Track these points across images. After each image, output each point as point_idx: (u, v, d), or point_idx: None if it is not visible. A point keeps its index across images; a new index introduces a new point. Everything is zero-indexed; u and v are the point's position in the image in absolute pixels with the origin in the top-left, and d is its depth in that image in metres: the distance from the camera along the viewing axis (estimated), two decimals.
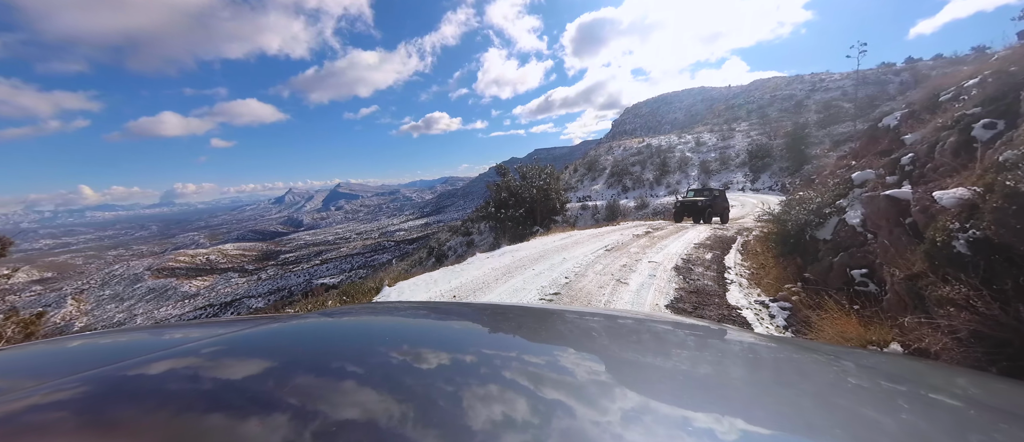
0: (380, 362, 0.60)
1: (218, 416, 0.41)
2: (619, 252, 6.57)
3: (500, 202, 14.84)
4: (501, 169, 15.21)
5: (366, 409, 0.42)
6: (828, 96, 63.80)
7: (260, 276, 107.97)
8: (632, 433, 0.39)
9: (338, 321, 0.89)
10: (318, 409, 0.42)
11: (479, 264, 5.94)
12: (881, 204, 3.17)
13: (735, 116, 71.68)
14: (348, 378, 0.52)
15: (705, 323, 0.99)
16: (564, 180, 45.93)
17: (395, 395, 0.46)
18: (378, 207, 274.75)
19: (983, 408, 0.54)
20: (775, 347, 0.83)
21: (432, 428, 0.39)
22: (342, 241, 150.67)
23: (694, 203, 13.05)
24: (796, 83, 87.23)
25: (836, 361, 0.71)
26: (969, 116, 3.48)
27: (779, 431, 0.43)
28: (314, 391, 0.47)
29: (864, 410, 0.52)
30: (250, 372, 0.53)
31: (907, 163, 3.83)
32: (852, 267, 3.39)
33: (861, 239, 3.64)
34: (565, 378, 0.55)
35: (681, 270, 5.33)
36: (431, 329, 0.87)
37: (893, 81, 50.89)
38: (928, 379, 0.67)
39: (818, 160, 26.86)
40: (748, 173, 35.34)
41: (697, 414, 0.44)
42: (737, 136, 47.22)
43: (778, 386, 0.61)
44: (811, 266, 4.06)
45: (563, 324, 0.93)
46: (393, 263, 41.63)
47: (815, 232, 4.25)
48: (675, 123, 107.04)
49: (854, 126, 32.37)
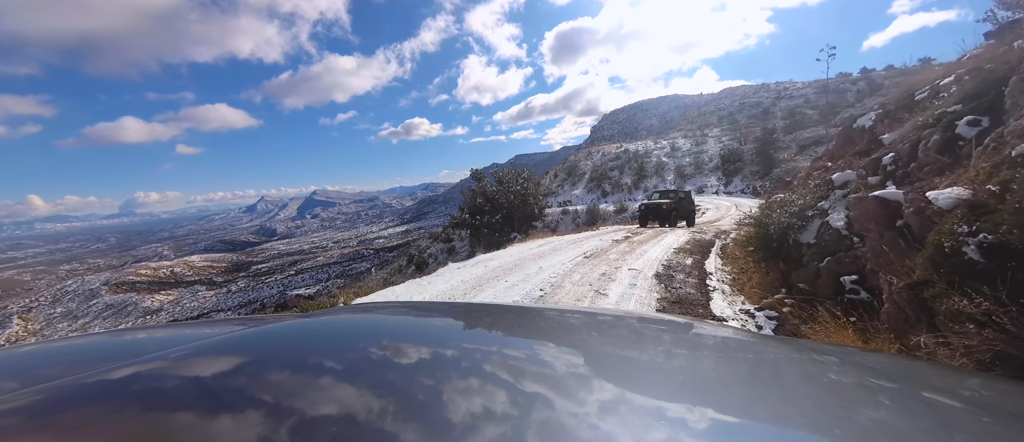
0: (358, 358, 0.60)
1: (187, 416, 0.40)
2: (598, 259, 6.29)
3: (475, 208, 14.30)
4: (477, 174, 14.68)
5: (343, 404, 0.42)
6: (792, 103, 67.05)
7: (230, 288, 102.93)
8: (608, 423, 0.40)
9: (317, 321, 0.86)
10: (294, 406, 0.41)
11: (448, 276, 5.52)
12: (870, 206, 2.98)
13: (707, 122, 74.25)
14: (325, 375, 0.52)
15: (681, 318, 1.02)
16: (545, 186, 46.06)
17: (374, 391, 0.46)
18: (356, 214, 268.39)
19: (979, 407, 0.54)
20: (747, 341, 0.84)
21: (412, 421, 0.39)
22: (318, 250, 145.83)
23: (659, 206, 12.41)
24: (763, 91, 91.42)
25: (809, 354, 0.73)
26: (951, 114, 3.36)
27: (744, 419, 0.45)
28: (290, 389, 0.46)
29: (829, 401, 0.53)
30: (224, 371, 0.52)
31: (889, 163, 3.70)
32: (841, 273, 3.19)
33: (847, 243, 3.46)
34: (545, 372, 0.56)
35: (662, 277, 5.08)
36: (413, 326, 0.86)
37: (851, 89, 54.24)
38: (916, 376, 0.68)
39: (786, 163, 27.85)
40: (721, 177, 36.26)
41: (670, 404, 0.45)
42: (710, 141, 48.58)
43: (746, 378, 0.62)
44: (796, 272, 3.86)
45: (544, 321, 0.94)
46: (373, 272, 40.49)
47: (798, 236, 4.07)
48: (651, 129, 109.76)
49: (820, 131, 33.84)
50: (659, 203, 12.49)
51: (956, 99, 3.43)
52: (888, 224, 2.89)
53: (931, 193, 2.55)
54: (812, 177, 5.29)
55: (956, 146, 3.11)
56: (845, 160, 4.63)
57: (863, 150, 4.45)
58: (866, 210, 3.03)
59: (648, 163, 44.74)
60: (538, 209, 14.78)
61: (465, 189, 14.94)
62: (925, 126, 3.55)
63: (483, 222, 13.73)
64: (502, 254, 7.26)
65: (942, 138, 3.19)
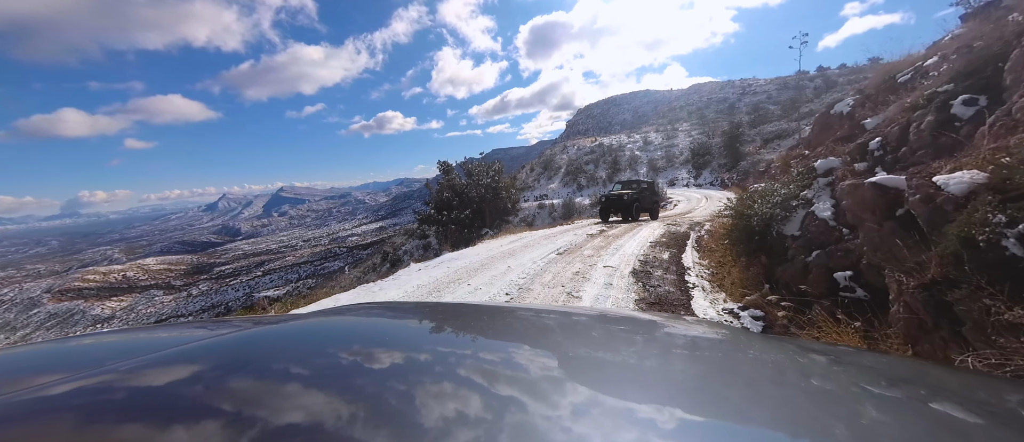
0: (327, 363, 0.59)
1: (137, 427, 0.39)
2: (572, 256, 5.89)
3: (442, 203, 13.32)
4: (445, 166, 13.78)
5: (310, 412, 0.41)
6: (756, 99, 69.83)
7: (191, 292, 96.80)
8: (580, 426, 0.40)
9: (286, 326, 0.81)
10: (255, 415, 0.40)
11: (406, 279, 4.96)
12: (865, 194, 2.68)
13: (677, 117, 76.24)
14: (290, 381, 0.50)
15: (656, 316, 1.04)
16: (521, 179, 45.67)
17: (343, 396, 0.46)
18: (327, 211, 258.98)
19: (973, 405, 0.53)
20: (719, 338, 0.85)
21: (383, 427, 0.39)
22: (287, 249, 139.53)
23: (620, 198, 11.43)
24: (728, 88, 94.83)
25: (785, 349, 0.75)
26: (943, 93, 3.12)
27: (711, 418, 0.45)
28: (250, 396, 0.45)
29: (797, 398, 0.53)
30: (181, 378, 0.50)
31: (876, 148, 3.45)
32: (834, 268, 2.89)
33: (836, 234, 3.18)
34: (519, 374, 0.56)
35: (639, 275, 4.73)
36: (386, 328, 0.85)
37: (809, 86, 57.24)
38: (890, 370, 0.67)
39: (751, 156, 28.67)
40: (691, 170, 37.06)
41: (641, 405, 0.46)
42: (680, 135, 49.64)
43: (716, 375, 0.62)
44: (781, 267, 3.58)
45: (518, 321, 0.93)
46: (346, 270, 38.91)
47: (782, 227, 3.79)
48: (624, 124, 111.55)
49: (782, 125, 35.11)
50: (620, 195, 11.60)
51: (947, 78, 3.20)
52: (887, 214, 2.59)
53: (939, 178, 2.24)
54: (791, 165, 5.07)
55: (952, 127, 2.86)
56: (826, 147, 4.41)
57: (845, 136, 4.23)
58: (861, 199, 2.73)
59: (622, 157, 45.26)
60: (511, 203, 14.11)
61: (430, 182, 14.17)
62: (915, 107, 3.31)
63: (451, 218, 12.87)
64: (470, 252, 6.74)
65: (936, 119, 2.94)
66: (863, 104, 4.43)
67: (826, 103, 4.61)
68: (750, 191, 4.45)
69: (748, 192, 4.39)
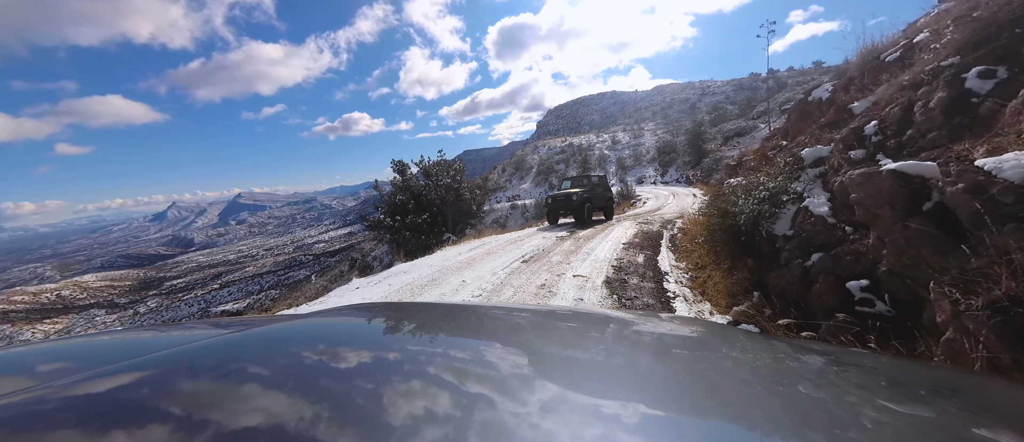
0: (289, 363, 0.58)
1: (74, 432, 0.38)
2: (538, 264, 5.25)
3: (395, 208, 11.89)
4: (399, 166, 12.35)
5: (270, 414, 0.40)
6: (715, 99, 73.15)
7: (138, 310, 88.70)
8: (548, 422, 0.40)
9: (251, 331, 0.78)
10: (209, 418, 0.39)
11: (336, 300, 4.13)
12: (882, 185, 2.18)
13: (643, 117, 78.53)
14: (248, 382, 0.49)
15: (626, 314, 1.05)
16: (493, 180, 45.00)
17: (307, 397, 0.45)
18: (291, 218, 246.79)
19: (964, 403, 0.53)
20: (688, 334, 0.85)
21: (348, 427, 0.38)
22: (247, 259, 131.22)
23: (569, 198, 9.98)
24: (689, 89, 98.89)
25: (760, 345, 0.77)
26: (949, 67, 2.72)
27: (672, 412, 0.47)
28: (208, 400, 0.44)
29: (758, 390, 0.54)
30: (128, 382, 0.49)
31: (873, 132, 3.02)
32: (844, 276, 2.39)
33: (839, 234, 2.70)
34: (489, 372, 0.56)
35: (614, 284, 4.15)
36: (355, 328, 0.83)
37: (762, 87, 60.68)
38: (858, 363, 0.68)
39: (714, 154, 29.41)
40: (658, 167, 37.74)
41: (607, 401, 0.46)
42: (646, 135, 50.74)
43: (678, 370, 0.63)
44: (774, 272, 3.08)
45: (491, 320, 0.93)
46: (313, 279, 36.79)
47: (771, 226, 3.30)
48: (593, 124, 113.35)
49: (740, 123, 36.42)
50: (569, 194, 10.10)
51: (951, 51, 2.80)
52: (910, 208, 2.10)
53: (987, 162, 1.75)
54: (770, 156, 4.69)
55: (968, 104, 2.43)
56: (810, 134, 4.01)
57: (830, 122, 3.83)
58: (877, 191, 2.24)
59: (591, 156, 45.65)
60: (476, 205, 13.09)
61: (381, 186, 12.64)
62: (915, 85, 2.90)
63: (406, 224, 11.51)
64: (424, 263, 5.96)
65: (949, 96, 2.50)
66: (846, 88, 4.08)
67: (803, 89, 4.34)
68: (732, 186, 3.96)
69: (731, 187, 3.90)
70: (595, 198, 10.59)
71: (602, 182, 11.67)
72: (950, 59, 2.74)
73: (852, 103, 3.63)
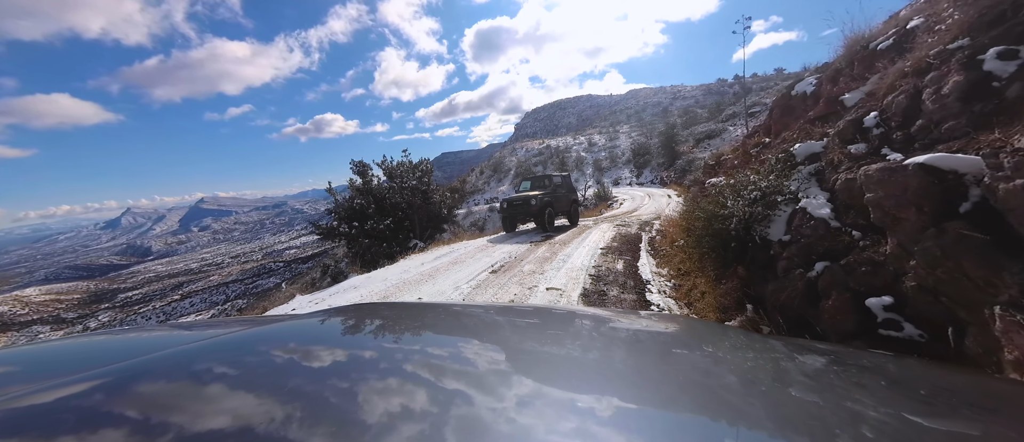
0: (257, 364, 0.57)
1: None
2: (508, 275, 4.75)
3: (352, 213, 10.57)
4: (360, 167, 11.06)
5: (237, 416, 0.39)
6: (685, 103, 75.55)
7: (87, 325, 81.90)
8: (524, 416, 0.41)
9: (215, 332, 0.77)
10: (169, 420, 0.38)
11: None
12: (909, 181, 1.81)
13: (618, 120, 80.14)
14: (213, 383, 0.48)
15: (602, 311, 1.05)
16: (471, 182, 44.15)
17: (276, 397, 0.44)
18: (259, 223, 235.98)
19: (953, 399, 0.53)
20: (663, 330, 0.86)
21: (320, 426, 0.37)
22: (212, 268, 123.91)
23: (526, 202, 8.59)
24: (661, 93, 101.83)
25: (730, 339, 0.79)
26: (958, 51, 2.41)
27: (645, 406, 0.47)
28: (169, 402, 0.43)
29: (728, 387, 0.54)
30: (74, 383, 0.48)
31: (874, 124, 2.70)
32: (861, 292, 2.01)
33: (845, 240, 2.34)
34: (466, 369, 0.56)
35: (592, 297, 3.70)
36: (336, 328, 0.82)
37: (729, 92, 63.21)
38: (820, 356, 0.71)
39: (686, 155, 29.96)
40: (633, 169, 38.16)
41: (582, 396, 0.47)
42: (621, 137, 51.45)
43: (649, 365, 0.64)
44: (772, 284, 2.70)
45: (469, 318, 0.93)
46: (283, 287, 34.99)
47: (765, 230, 2.93)
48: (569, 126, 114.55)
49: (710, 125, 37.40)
50: (527, 197, 8.70)
51: (958, 33, 2.51)
52: (943, 210, 1.74)
53: None
54: (754, 154, 4.39)
55: (988, 88, 2.12)
56: (797, 129, 3.70)
57: (821, 115, 3.54)
58: (900, 188, 1.86)
59: (569, 158, 45.80)
60: (447, 209, 12.00)
61: (335, 190, 11.09)
62: (920, 71, 2.59)
63: (365, 230, 10.21)
64: (380, 276, 5.34)
65: (966, 81, 2.18)
66: (834, 79, 3.81)
67: (785, 85, 4.12)
68: (718, 186, 3.58)
69: (716, 187, 3.52)
70: (558, 201, 9.29)
71: (566, 183, 10.24)
72: (958, 41, 2.45)
73: (843, 95, 3.34)
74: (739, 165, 4.63)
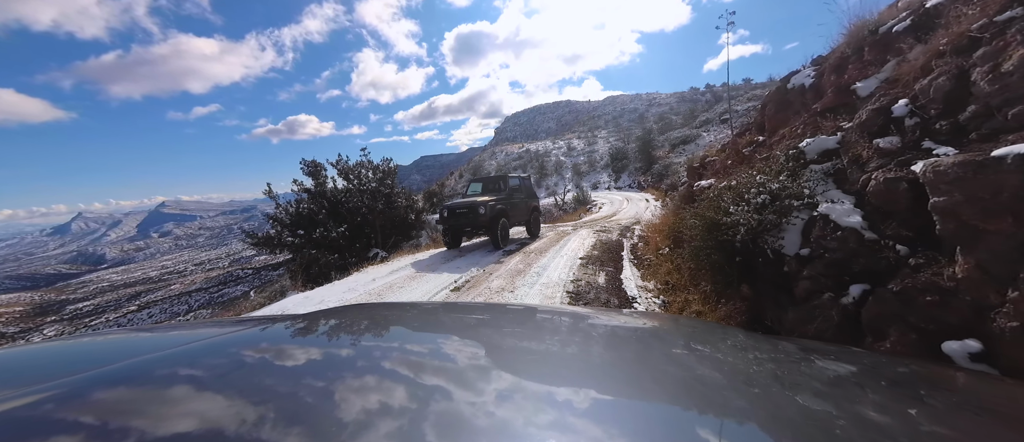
0: (224, 364, 0.56)
1: None
2: (474, 292, 4.08)
3: (299, 220, 9.13)
4: (312, 167, 9.65)
5: (204, 418, 0.38)
6: (660, 110, 77.51)
7: (31, 340, 74.61)
8: (503, 410, 0.41)
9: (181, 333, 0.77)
10: (129, 425, 0.37)
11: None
12: (1008, 181, 1.29)
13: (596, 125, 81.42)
14: (179, 384, 0.47)
15: (581, 309, 1.04)
16: (450, 186, 43.31)
17: (247, 398, 0.43)
18: (226, 228, 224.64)
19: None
20: (641, 325, 0.86)
21: (295, 425, 0.37)
22: (173, 276, 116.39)
23: (473, 209, 6.69)
24: (637, 100, 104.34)
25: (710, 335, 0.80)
26: (1011, 21, 1.96)
27: (620, 398, 0.48)
28: (132, 406, 0.42)
29: (702, 375, 0.55)
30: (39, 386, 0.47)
31: (906, 113, 2.22)
32: (922, 327, 1.48)
33: (889, 257, 1.82)
34: (446, 365, 0.56)
35: None
36: (306, 330, 0.78)
37: (701, 99, 65.46)
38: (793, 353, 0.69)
39: (662, 160, 30.21)
40: (611, 173, 38.30)
41: (560, 389, 0.47)
42: (599, 142, 51.83)
43: (626, 360, 0.65)
44: (792, 311, 2.17)
45: (449, 317, 0.92)
46: (251, 295, 32.81)
47: (778, 241, 2.41)
48: (549, 131, 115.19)
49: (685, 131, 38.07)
50: (473, 204, 6.78)
51: (1002, 3, 2.06)
52: None
53: None
54: (741, 154, 3.93)
55: None
56: (802, 123, 3.24)
57: (830, 106, 3.08)
58: (994, 190, 1.34)
59: (548, 162, 45.64)
60: (413, 215, 10.87)
61: (273, 191, 9.26)
62: (961, 49, 2.13)
63: (313, 239, 8.77)
64: (318, 295, 4.55)
65: None
66: (839, 68, 3.39)
67: (780, 78, 3.74)
68: (714, 189, 3.05)
69: (714, 190, 2.99)
70: (514, 209, 7.45)
71: (525, 186, 8.41)
72: (1010, 11, 2.00)
73: (855, 84, 2.89)
74: (731, 166, 4.17)
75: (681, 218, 4.06)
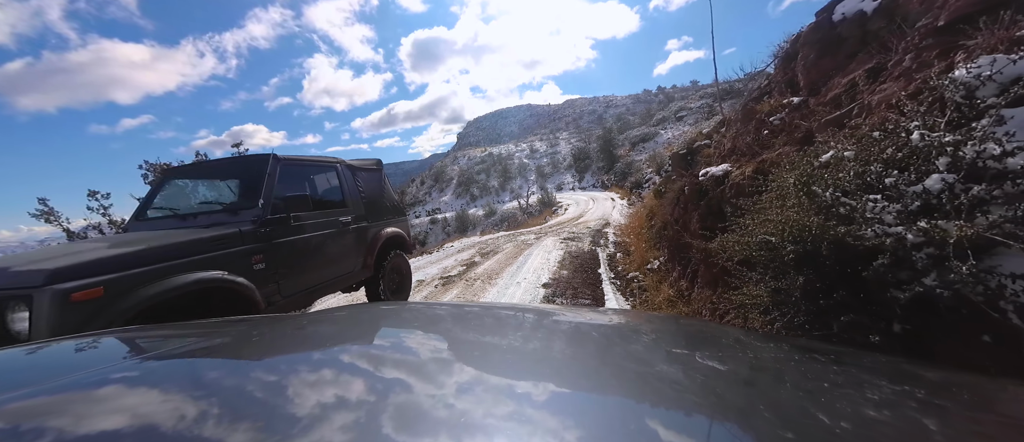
0: (163, 364, 0.56)
1: None
2: None
3: None
4: (156, 171, 7.15)
5: (136, 415, 0.38)
6: (618, 111, 79.46)
7: None
8: (463, 402, 0.41)
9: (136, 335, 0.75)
10: (46, 426, 0.36)
11: None
12: None
13: (558, 127, 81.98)
14: (107, 385, 0.46)
15: (551, 306, 1.04)
16: (411, 194, 40.70)
17: (191, 394, 0.43)
18: None
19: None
20: (606, 322, 0.86)
21: (242, 421, 0.36)
22: None
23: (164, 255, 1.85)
24: (595, 102, 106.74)
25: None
26: None
27: (578, 390, 0.48)
28: (74, 407, 0.41)
29: (662, 374, 0.55)
30: None
31: None
32: None
33: None
34: (407, 358, 0.56)
35: None
36: (261, 333, 0.76)
37: (654, 101, 67.90)
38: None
39: (623, 158, 29.93)
40: (575, 174, 37.75)
41: (520, 382, 0.48)
42: (561, 143, 51.48)
43: (587, 355, 0.65)
44: None
45: (411, 315, 0.93)
46: None
47: (899, 274, 0.99)
48: (511, 135, 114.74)
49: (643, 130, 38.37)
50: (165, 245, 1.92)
51: None
52: None
53: None
54: (767, 124, 2.62)
55: None
56: (912, 58, 1.92)
57: (960, 16, 1.76)
58: None
59: (511, 165, 44.50)
60: None
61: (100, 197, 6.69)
62: None
63: None
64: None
65: None
66: None
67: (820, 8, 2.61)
68: (800, 164, 1.47)
69: (799, 168, 1.47)
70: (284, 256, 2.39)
71: (382, 190, 3.75)
72: None
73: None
74: (752, 143, 2.85)
75: (703, 227, 2.63)
